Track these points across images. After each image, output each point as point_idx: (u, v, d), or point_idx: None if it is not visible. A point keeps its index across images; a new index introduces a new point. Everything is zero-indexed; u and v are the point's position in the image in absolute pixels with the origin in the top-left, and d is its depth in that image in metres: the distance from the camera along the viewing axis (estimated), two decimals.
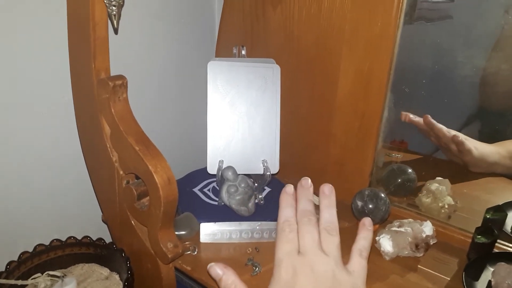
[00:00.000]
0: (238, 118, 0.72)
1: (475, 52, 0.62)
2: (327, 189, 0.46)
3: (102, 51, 0.55)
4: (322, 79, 0.72)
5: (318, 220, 0.45)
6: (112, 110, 0.56)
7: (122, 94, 0.57)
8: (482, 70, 0.63)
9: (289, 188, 0.46)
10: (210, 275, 0.42)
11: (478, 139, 0.67)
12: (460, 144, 0.68)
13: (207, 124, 0.71)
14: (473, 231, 0.61)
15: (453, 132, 0.68)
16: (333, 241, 0.44)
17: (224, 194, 0.68)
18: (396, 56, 0.65)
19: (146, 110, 0.77)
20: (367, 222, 0.46)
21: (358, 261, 0.45)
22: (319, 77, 0.73)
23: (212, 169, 0.72)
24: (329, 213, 0.45)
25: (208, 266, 0.42)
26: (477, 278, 0.56)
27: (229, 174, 0.68)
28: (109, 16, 0.52)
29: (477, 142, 0.67)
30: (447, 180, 0.70)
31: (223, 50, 0.82)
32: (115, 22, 0.52)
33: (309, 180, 0.46)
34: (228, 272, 0.42)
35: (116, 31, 0.62)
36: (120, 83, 0.56)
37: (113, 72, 0.57)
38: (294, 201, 0.46)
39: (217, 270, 0.41)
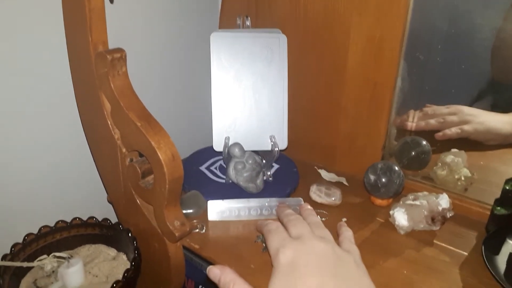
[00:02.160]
0: (243, 93, 0.69)
1: (495, 13, 0.58)
2: (304, 205, 0.54)
3: (99, 22, 0.52)
4: (331, 48, 0.69)
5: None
6: (112, 85, 0.53)
7: (121, 68, 0.54)
8: (501, 31, 0.59)
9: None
10: (209, 278, 0.42)
11: (492, 110, 0.64)
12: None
13: (211, 99, 0.68)
14: (491, 203, 0.59)
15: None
16: (324, 230, 0.47)
17: (231, 171, 0.66)
18: (409, 21, 0.61)
19: (146, 86, 0.75)
20: (343, 222, 0.55)
21: (350, 245, 0.47)
22: (328, 46, 0.69)
23: (218, 146, 0.69)
24: (312, 217, 0.50)
25: (207, 269, 0.43)
26: (497, 251, 0.53)
27: (236, 151, 0.66)
28: None
29: (489, 114, 0.64)
30: (463, 152, 0.68)
31: (227, 21, 0.79)
32: None
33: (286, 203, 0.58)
34: (226, 270, 0.42)
35: (111, 0, 0.59)
36: (118, 56, 0.53)
37: (111, 46, 0.55)
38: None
39: (215, 270, 0.42)
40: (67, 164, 0.67)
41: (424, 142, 0.69)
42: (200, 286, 0.64)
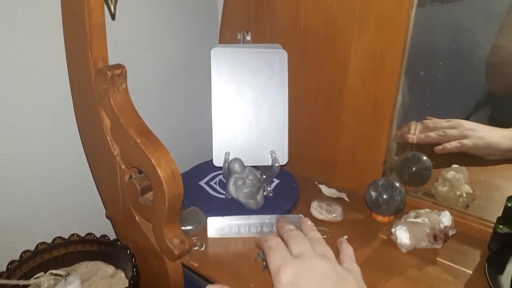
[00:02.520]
0: (244, 107, 0.69)
1: (495, 30, 0.58)
2: (305, 220, 0.53)
3: (99, 39, 0.52)
4: (331, 64, 0.69)
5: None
6: (112, 101, 0.53)
7: (121, 84, 0.54)
8: (502, 48, 0.59)
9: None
10: None
11: (491, 124, 0.64)
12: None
13: (211, 114, 0.68)
14: (493, 220, 0.58)
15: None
16: (326, 247, 0.46)
17: (231, 187, 0.65)
18: (410, 38, 0.61)
19: (147, 101, 0.75)
20: (343, 239, 0.53)
21: (351, 263, 0.46)
22: (328, 61, 0.69)
23: (218, 161, 0.69)
24: (313, 232, 0.50)
25: None
26: (501, 271, 0.53)
27: (236, 166, 0.65)
28: (105, 0, 0.49)
29: (489, 129, 0.64)
30: (464, 168, 0.67)
31: (227, 36, 0.79)
32: (112, 7, 0.50)
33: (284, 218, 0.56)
34: None
35: (113, 16, 0.59)
36: (119, 73, 0.53)
37: (111, 62, 0.54)
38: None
39: None
40: (65, 179, 0.66)
41: (425, 158, 0.69)
42: None
